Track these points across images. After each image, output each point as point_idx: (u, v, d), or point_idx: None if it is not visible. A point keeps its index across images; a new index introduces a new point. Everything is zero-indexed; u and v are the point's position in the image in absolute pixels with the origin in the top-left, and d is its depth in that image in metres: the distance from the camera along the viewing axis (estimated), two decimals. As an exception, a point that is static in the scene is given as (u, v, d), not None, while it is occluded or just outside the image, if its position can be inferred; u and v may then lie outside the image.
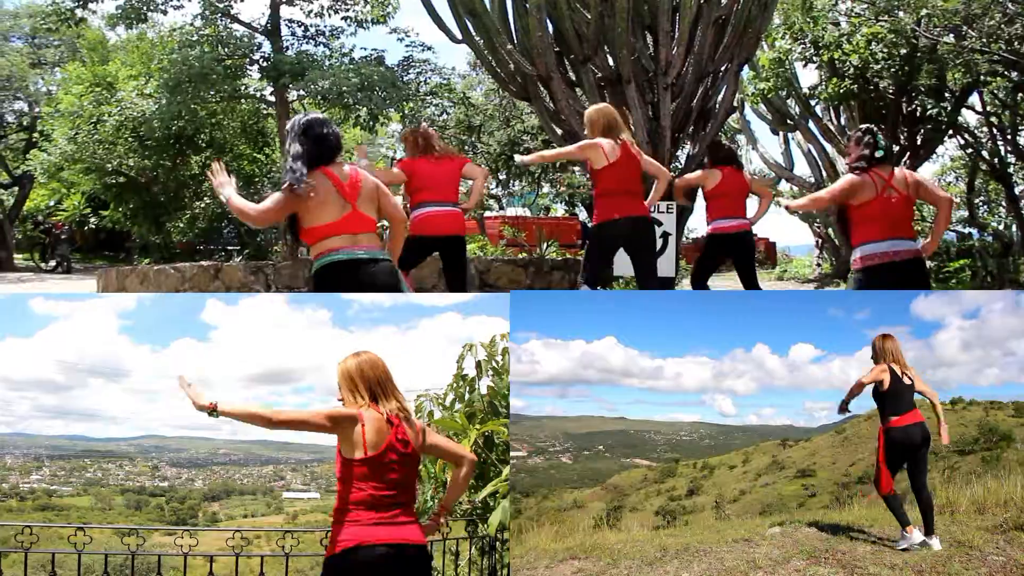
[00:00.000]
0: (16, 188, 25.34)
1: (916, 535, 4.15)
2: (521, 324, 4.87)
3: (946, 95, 15.43)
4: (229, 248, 16.75)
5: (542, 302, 5.77)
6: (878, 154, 5.43)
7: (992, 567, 3.82)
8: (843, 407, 4.36)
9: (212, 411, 2.98)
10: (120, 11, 14.17)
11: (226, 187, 4.58)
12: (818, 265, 20.38)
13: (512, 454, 7.06)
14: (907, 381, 4.27)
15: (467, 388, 5.35)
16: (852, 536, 4.44)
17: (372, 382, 3.14)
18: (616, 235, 6.48)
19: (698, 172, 7.88)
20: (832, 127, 17.77)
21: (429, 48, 15.21)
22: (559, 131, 10.40)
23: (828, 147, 18.00)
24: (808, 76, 71.92)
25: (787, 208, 5.65)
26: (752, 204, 8.17)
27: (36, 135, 21.59)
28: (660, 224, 8.30)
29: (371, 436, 3.03)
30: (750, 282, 7.93)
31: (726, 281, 17.63)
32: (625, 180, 6.42)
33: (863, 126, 5.75)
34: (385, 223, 5.16)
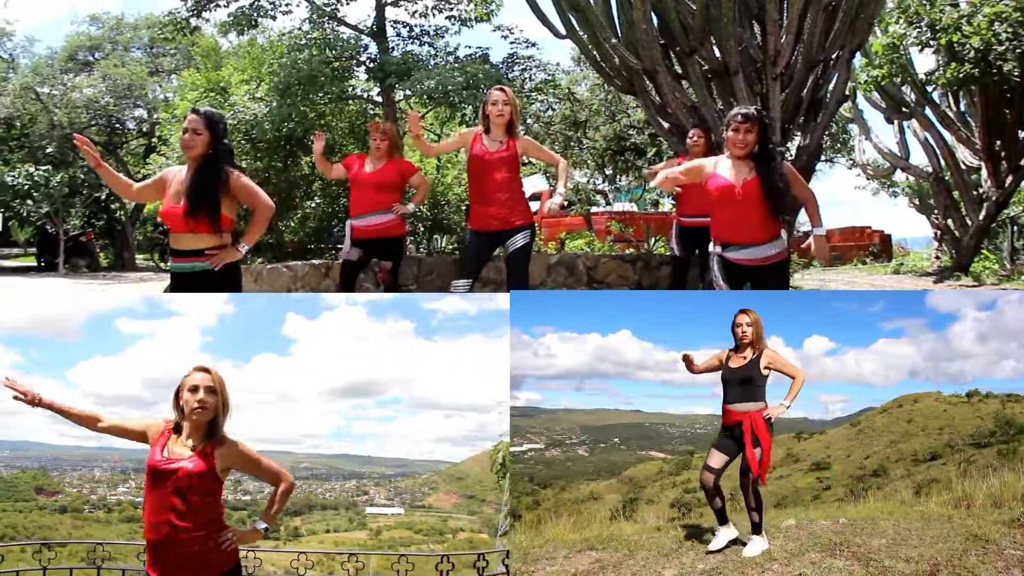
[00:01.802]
0: (137, 192, 26.38)
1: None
2: (520, 323, 4.90)
3: (1077, 76, 14.56)
4: (339, 247, 17.07)
5: (543, 302, 5.85)
6: None
7: (1009, 561, 3.78)
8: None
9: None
10: (232, 18, 14.59)
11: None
12: (937, 258, 19.55)
13: (529, 447, 7.05)
14: None
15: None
16: (867, 529, 4.43)
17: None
18: None
19: None
20: (951, 114, 17.02)
21: (533, 44, 15.23)
22: (665, 125, 10.25)
23: (947, 135, 17.24)
24: (924, 61, 69.38)
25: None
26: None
27: (155, 140, 22.43)
28: None
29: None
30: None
31: (843, 275, 17.14)
32: None
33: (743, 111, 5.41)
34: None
